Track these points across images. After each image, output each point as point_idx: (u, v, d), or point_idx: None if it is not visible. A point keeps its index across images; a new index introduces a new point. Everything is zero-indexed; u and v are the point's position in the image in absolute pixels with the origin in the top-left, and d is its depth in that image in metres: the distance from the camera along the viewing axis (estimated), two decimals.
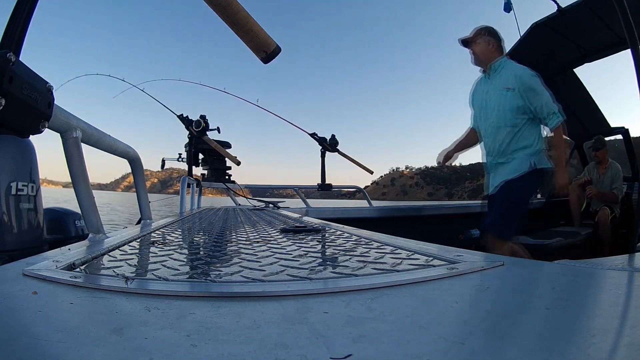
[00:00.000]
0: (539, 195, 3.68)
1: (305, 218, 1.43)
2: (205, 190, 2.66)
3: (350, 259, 0.51)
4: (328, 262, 0.50)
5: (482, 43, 1.79)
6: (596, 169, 3.31)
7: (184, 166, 2.53)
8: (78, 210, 0.83)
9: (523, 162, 1.69)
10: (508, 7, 3.08)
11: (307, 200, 2.88)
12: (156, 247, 0.62)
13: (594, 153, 3.28)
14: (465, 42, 1.86)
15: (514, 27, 3.04)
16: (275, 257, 0.51)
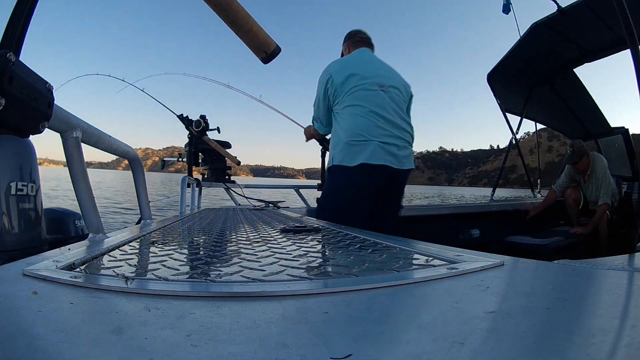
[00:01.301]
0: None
1: (305, 218, 1.43)
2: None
3: (350, 258, 0.51)
4: (328, 262, 0.50)
5: (344, 51, 1.82)
6: (579, 175, 2.95)
7: (184, 143, 2.51)
8: (78, 210, 0.83)
9: (331, 154, 1.65)
10: (507, 9, 3.08)
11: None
12: (156, 247, 0.62)
13: (573, 167, 2.86)
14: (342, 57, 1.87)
15: (513, 27, 3.04)
16: (275, 257, 0.51)
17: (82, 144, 0.73)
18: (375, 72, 1.60)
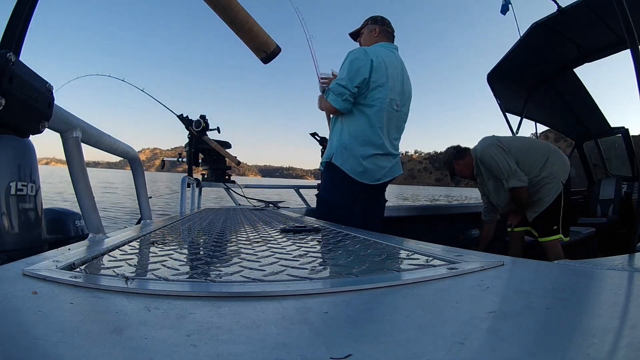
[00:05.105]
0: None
1: (305, 218, 1.43)
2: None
3: (350, 259, 0.51)
4: (328, 262, 0.50)
5: (366, 32, 1.74)
6: (480, 184, 2.25)
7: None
8: (78, 210, 0.83)
9: (329, 150, 1.63)
10: (505, 9, 3.07)
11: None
12: (156, 247, 0.62)
13: (461, 174, 2.23)
14: (355, 35, 1.80)
15: (513, 27, 3.03)
16: (275, 257, 0.51)
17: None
18: (398, 89, 1.64)
